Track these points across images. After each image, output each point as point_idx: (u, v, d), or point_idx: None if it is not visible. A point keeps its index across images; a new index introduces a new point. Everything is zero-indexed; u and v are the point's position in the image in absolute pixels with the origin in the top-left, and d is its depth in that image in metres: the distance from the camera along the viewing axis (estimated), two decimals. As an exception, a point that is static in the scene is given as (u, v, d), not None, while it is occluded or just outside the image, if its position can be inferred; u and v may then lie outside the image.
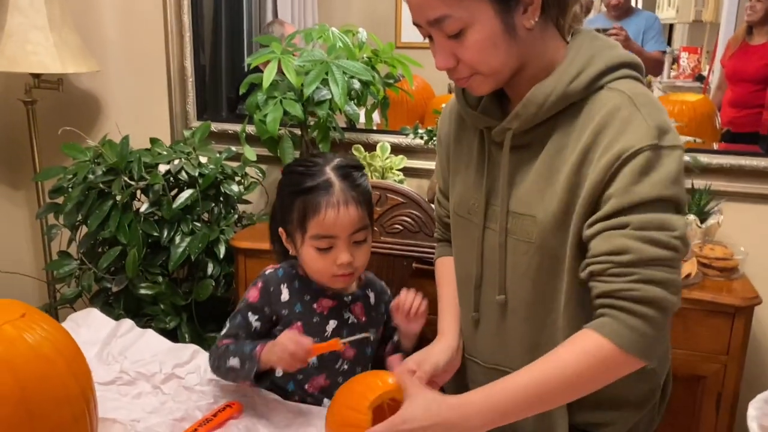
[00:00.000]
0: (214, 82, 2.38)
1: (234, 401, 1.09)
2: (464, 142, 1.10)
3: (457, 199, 1.10)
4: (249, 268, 1.91)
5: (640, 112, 0.88)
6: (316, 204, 1.09)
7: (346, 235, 1.11)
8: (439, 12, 0.88)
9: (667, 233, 0.86)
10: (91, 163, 1.93)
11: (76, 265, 2.01)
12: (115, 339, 1.28)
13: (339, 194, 1.10)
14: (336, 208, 1.09)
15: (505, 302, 1.03)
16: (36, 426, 0.72)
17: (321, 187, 1.10)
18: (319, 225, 1.10)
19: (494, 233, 1.02)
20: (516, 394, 0.88)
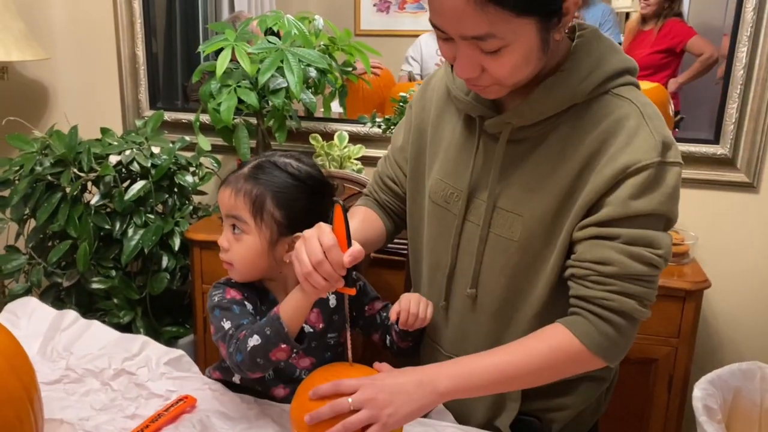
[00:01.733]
0: (167, 71, 2.33)
1: (187, 395, 1.07)
2: (446, 125, 1.08)
3: (434, 186, 1.08)
4: (205, 260, 1.88)
5: (648, 125, 0.90)
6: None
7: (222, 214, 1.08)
8: (482, 31, 0.82)
9: (653, 251, 0.90)
10: (38, 155, 1.87)
11: (25, 260, 1.94)
12: (58, 333, 1.24)
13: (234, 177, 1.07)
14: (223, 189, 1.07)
15: (475, 296, 1.04)
16: (-26, 427, 0.70)
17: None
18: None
19: (474, 226, 1.01)
20: (484, 369, 0.91)
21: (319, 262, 0.87)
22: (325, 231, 0.89)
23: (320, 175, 1.10)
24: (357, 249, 0.88)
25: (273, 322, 0.95)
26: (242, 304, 1.07)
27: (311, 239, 0.88)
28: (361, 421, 0.85)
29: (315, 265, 0.87)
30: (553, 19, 0.84)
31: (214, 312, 1.06)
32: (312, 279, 0.88)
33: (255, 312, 1.09)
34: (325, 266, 0.87)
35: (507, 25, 0.81)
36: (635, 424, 1.74)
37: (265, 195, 1.04)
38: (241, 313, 1.04)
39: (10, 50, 1.98)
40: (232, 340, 0.99)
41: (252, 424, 1.03)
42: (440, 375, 0.90)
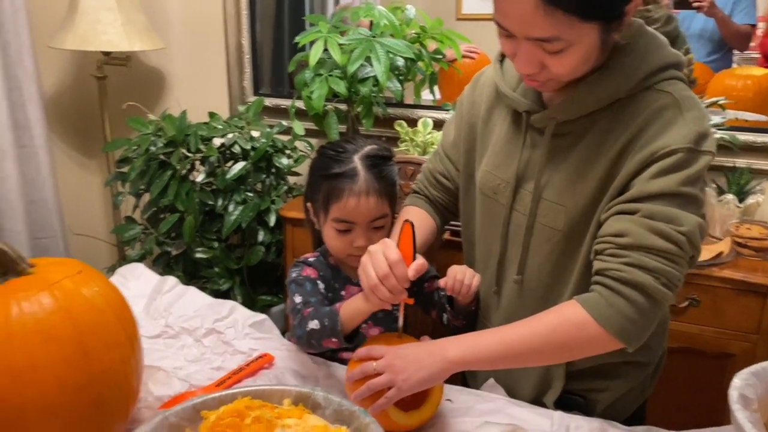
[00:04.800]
0: (270, 59, 2.49)
1: (266, 353, 1.20)
2: (495, 120, 1.13)
3: (483, 178, 1.14)
4: (296, 237, 2.03)
5: (684, 116, 0.92)
6: (339, 190, 1.15)
7: (364, 222, 1.17)
8: (548, 34, 0.85)
9: (673, 227, 0.90)
10: (153, 136, 2.08)
11: (140, 230, 2.18)
12: (160, 295, 1.41)
13: (362, 184, 1.14)
14: (357, 197, 1.14)
15: (522, 282, 1.09)
16: (90, 365, 0.84)
17: (346, 175, 1.15)
18: (339, 210, 1.16)
19: (521, 216, 1.06)
20: (490, 342, 0.95)
21: (385, 276, 0.94)
22: (390, 246, 0.96)
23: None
24: (420, 263, 0.95)
25: (332, 316, 1.06)
26: (315, 283, 1.19)
27: (377, 254, 0.96)
28: (381, 384, 0.94)
29: (381, 279, 0.94)
30: (614, 22, 0.88)
31: (291, 286, 1.19)
32: (378, 291, 0.95)
33: (327, 289, 1.21)
34: (391, 280, 0.94)
35: (572, 29, 0.85)
36: (710, 417, 1.72)
37: (393, 184, 1.19)
38: (312, 291, 1.17)
39: (133, 41, 2.21)
40: (298, 315, 1.12)
41: (320, 383, 1.15)
42: (450, 345, 0.96)
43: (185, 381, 1.11)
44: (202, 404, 0.81)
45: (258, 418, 0.70)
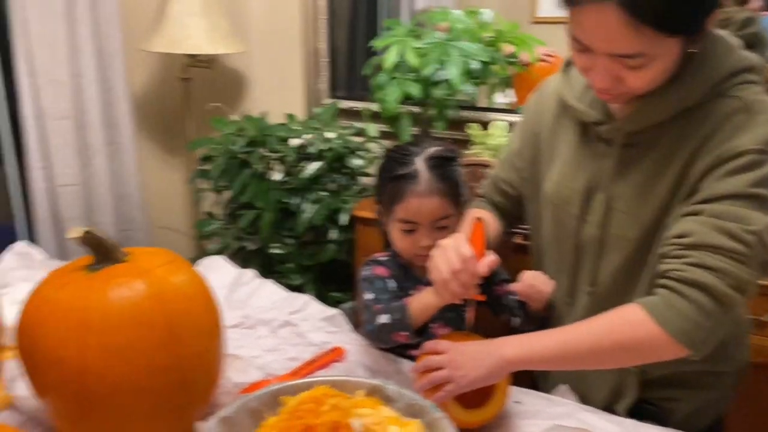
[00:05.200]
0: (345, 62, 2.55)
1: (338, 346, 1.23)
2: (562, 130, 1.13)
3: (553, 188, 1.13)
4: (367, 236, 2.06)
5: (755, 118, 0.90)
6: (402, 192, 1.18)
7: (427, 222, 1.19)
8: (632, 50, 0.85)
9: (741, 226, 0.87)
10: (235, 136, 2.16)
11: (220, 225, 2.27)
12: (239, 287, 1.48)
13: (424, 185, 1.17)
14: (419, 197, 1.16)
15: (594, 293, 1.08)
16: (178, 349, 0.90)
17: (408, 176, 1.18)
18: (403, 210, 1.19)
19: (592, 227, 1.05)
20: (548, 342, 0.95)
21: (456, 272, 0.95)
22: (462, 241, 0.97)
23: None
24: (492, 259, 0.96)
25: (402, 310, 1.09)
26: (385, 281, 1.23)
27: (448, 249, 0.97)
28: (440, 378, 0.95)
29: (453, 273, 0.95)
30: (697, 34, 0.87)
31: (362, 284, 1.24)
32: (449, 286, 0.96)
33: (398, 288, 1.24)
34: (462, 275, 0.95)
35: (656, 44, 0.84)
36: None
37: (456, 185, 1.20)
38: (382, 289, 1.21)
39: (217, 44, 2.30)
40: (369, 310, 1.16)
41: (389, 378, 1.18)
42: (508, 344, 0.96)
43: (262, 369, 1.16)
44: (281, 391, 0.85)
45: (335, 406, 0.73)
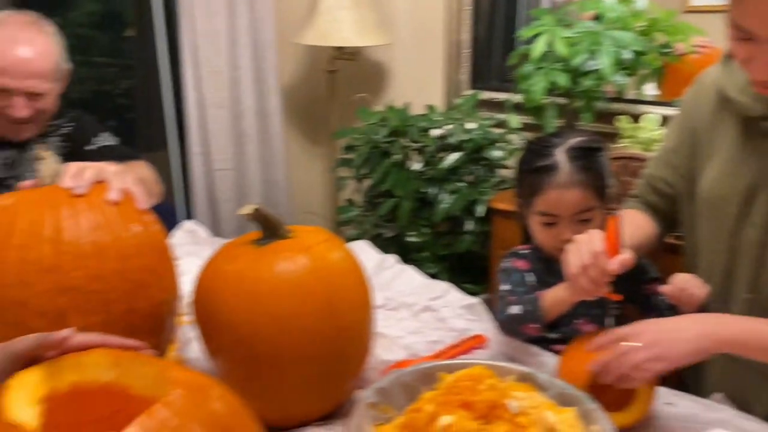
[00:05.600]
0: (485, 53, 2.54)
1: (480, 334, 1.25)
2: (721, 125, 1.07)
3: (710, 186, 1.08)
4: (504, 229, 2.05)
5: None
6: (541, 183, 1.16)
7: (568, 215, 1.16)
8: None
9: None
10: (378, 126, 2.23)
11: (359, 212, 2.35)
12: (382, 270, 1.53)
13: (564, 176, 1.14)
14: (558, 190, 1.14)
15: (755, 300, 1.02)
16: (336, 321, 0.95)
17: (548, 168, 1.16)
18: (542, 203, 1.17)
19: (754, 229, 0.99)
20: (739, 329, 0.89)
21: (585, 267, 0.93)
22: (595, 238, 0.95)
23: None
24: (625, 258, 0.93)
25: (534, 302, 1.08)
26: (523, 275, 1.22)
27: (581, 244, 0.96)
28: (640, 359, 0.89)
29: (582, 268, 0.94)
30: None
31: (500, 275, 1.24)
32: (578, 281, 0.95)
33: (539, 282, 1.22)
34: (591, 271, 0.93)
35: None
36: None
37: (600, 176, 1.17)
38: (519, 281, 1.20)
39: (363, 37, 2.38)
40: (503, 300, 1.16)
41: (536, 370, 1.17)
42: (725, 323, 0.90)
43: (406, 349, 1.20)
44: (436, 368, 0.88)
45: (492, 386, 0.75)
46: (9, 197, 0.97)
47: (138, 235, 0.97)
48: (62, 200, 0.94)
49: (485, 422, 0.71)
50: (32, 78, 1.41)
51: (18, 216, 0.90)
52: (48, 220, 0.91)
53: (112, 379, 0.67)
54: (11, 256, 0.88)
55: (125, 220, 0.97)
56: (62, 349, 0.67)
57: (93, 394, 0.66)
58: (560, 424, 0.74)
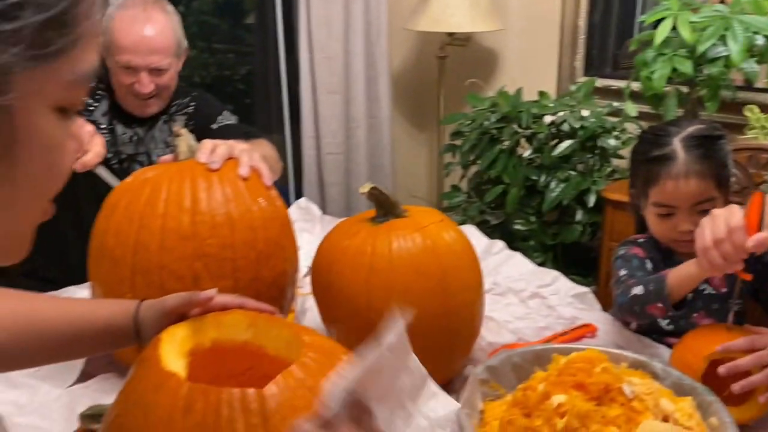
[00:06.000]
0: (602, 40, 2.47)
1: (589, 323, 1.23)
2: None
3: None
4: (616, 220, 2.00)
5: None
6: (657, 174, 1.13)
7: (686, 206, 1.12)
8: None
9: None
10: (488, 112, 2.22)
11: (464, 198, 2.36)
12: (490, 255, 1.53)
13: (681, 167, 1.11)
14: (675, 180, 1.11)
15: None
16: (447, 299, 0.98)
17: (664, 157, 1.12)
18: (658, 194, 1.14)
19: None
20: None
21: (719, 241, 0.90)
22: (734, 212, 0.92)
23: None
24: (764, 236, 0.89)
25: (658, 281, 1.05)
26: (642, 261, 1.19)
27: (718, 218, 0.92)
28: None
29: (715, 243, 0.90)
30: None
31: (616, 262, 1.21)
32: (709, 255, 0.92)
33: (656, 271, 1.19)
34: (725, 246, 0.90)
35: None
36: None
37: (722, 166, 1.14)
38: (637, 267, 1.17)
39: (476, 22, 2.37)
40: (621, 285, 1.13)
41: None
42: None
43: (514, 333, 1.21)
44: (548, 350, 0.89)
45: (607, 369, 0.75)
46: (150, 170, 1.06)
47: (264, 209, 1.04)
48: (198, 174, 1.02)
49: (598, 404, 0.71)
50: (155, 54, 1.51)
51: (161, 188, 0.99)
52: (186, 192, 0.99)
53: (249, 338, 0.72)
54: (156, 224, 0.96)
55: (253, 194, 1.04)
56: (205, 309, 0.74)
57: (231, 352, 0.73)
58: (677, 412, 0.73)
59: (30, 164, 0.40)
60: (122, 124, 1.62)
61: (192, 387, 0.59)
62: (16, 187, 0.41)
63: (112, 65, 1.53)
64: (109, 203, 1.02)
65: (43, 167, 0.42)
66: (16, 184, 0.40)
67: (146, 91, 1.52)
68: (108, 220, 0.99)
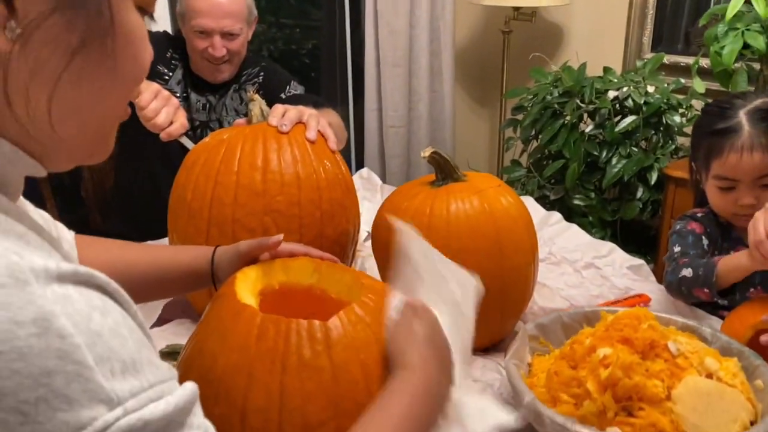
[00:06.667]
0: (673, 15, 2.41)
1: (643, 293, 1.25)
2: None
3: None
4: (678, 198, 1.98)
5: None
6: (719, 147, 1.12)
7: (749, 180, 1.11)
8: None
9: None
10: (551, 86, 2.22)
11: (524, 173, 2.37)
12: (546, 226, 1.56)
13: (745, 139, 1.10)
14: (739, 153, 1.10)
15: None
16: (502, 261, 1.02)
17: (728, 130, 1.12)
18: (720, 167, 1.13)
19: None
20: None
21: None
22: None
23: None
24: None
25: (708, 266, 1.06)
26: (699, 237, 1.20)
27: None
28: None
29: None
30: None
31: (672, 237, 1.23)
32: (762, 248, 0.93)
33: (713, 246, 1.20)
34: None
35: None
36: None
37: None
38: (692, 244, 1.18)
39: (542, -3, 2.36)
40: (673, 262, 1.15)
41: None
42: None
43: (567, 300, 1.24)
44: (597, 312, 0.92)
45: (653, 327, 0.77)
46: (226, 132, 1.14)
47: (329, 171, 1.11)
48: (270, 136, 1.09)
49: (643, 359, 0.74)
50: (227, 18, 1.59)
51: (236, 148, 1.06)
52: (259, 152, 1.06)
53: (314, 282, 0.79)
54: (230, 180, 1.04)
55: (319, 157, 1.10)
56: (274, 254, 0.81)
57: (297, 294, 0.79)
58: (721, 371, 0.75)
59: (123, 55, 0.46)
60: (196, 92, 1.70)
61: (265, 317, 0.66)
62: (113, 77, 0.46)
63: (187, 31, 1.61)
64: (188, 160, 1.10)
65: (131, 58, 0.47)
66: (113, 73, 0.46)
67: (219, 55, 1.60)
68: (188, 176, 1.07)
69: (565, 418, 0.70)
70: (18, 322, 0.35)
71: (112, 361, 0.38)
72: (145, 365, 0.40)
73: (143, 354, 0.41)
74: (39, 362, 0.35)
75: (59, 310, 0.37)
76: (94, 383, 0.36)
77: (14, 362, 0.34)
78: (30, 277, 0.37)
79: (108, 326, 0.39)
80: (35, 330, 0.35)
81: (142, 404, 0.38)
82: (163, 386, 0.41)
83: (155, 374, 0.41)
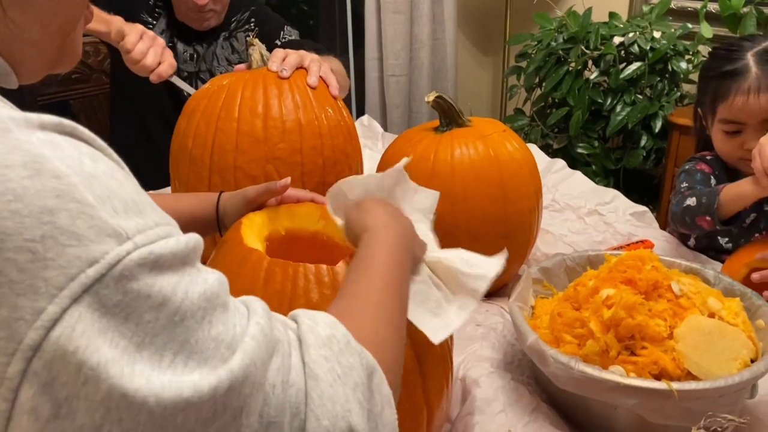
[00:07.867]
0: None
1: (646, 239, 1.25)
2: None
3: None
4: (682, 146, 1.96)
5: None
6: (726, 89, 1.11)
7: (755, 122, 1.10)
8: None
9: None
10: (555, 32, 2.18)
11: (527, 122, 2.35)
12: (550, 173, 1.55)
13: (753, 81, 1.08)
14: (746, 95, 1.08)
15: None
16: (507, 205, 1.01)
17: (736, 72, 1.10)
18: (726, 110, 1.12)
19: None
20: None
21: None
22: None
23: None
24: None
25: (711, 194, 1.06)
26: (707, 176, 1.19)
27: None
28: None
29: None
30: None
31: (680, 176, 1.22)
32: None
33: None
34: None
35: None
36: None
37: None
38: (701, 181, 1.18)
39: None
40: (678, 195, 1.15)
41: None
42: None
43: (570, 246, 1.24)
44: (600, 255, 0.92)
45: (657, 268, 0.78)
46: (226, 77, 1.12)
47: (331, 118, 1.09)
48: (270, 82, 1.07)
49: (646, 299, 0.74)
50: None
51: (236, 94, 1.05)
52: (259, 99, 1.05)
53: (320, 228, 0.79)
54: (231, 127, 1.03)
55: (321, 103, 1.09)
56: (281, 200, 0.80)
57: (303, 240, 0.79)
58: (723, 310, 0.76)
59: None
60: (182, 42, 1.59)
61: (272, 261, 0.66)
62: None
63: None
64: (188, 107, 1.09)
65: None
66: None
67: (202, 3, 1.48)
68: (188, 123, 1.06)
69: (568, 357, 0.71)
70: (7, 166, 0.34)
71: (113, 200, 0.37)
72: (147, 207, 0.39)
73: (143, 197, 0.39)
74: (38, 201, 0.34)
75: (49, 153, 0.35)
76: (99, 219, 0.35)
77: (11, 203, 0.33)
78: (10, 125, 0.36)
79: (101, 170, 0.38)
80: (26, 173, 0.34)
81: (152, 239, 0.37)
82: (169, 228, 0.39)
83: (159, 215, 0.39)
